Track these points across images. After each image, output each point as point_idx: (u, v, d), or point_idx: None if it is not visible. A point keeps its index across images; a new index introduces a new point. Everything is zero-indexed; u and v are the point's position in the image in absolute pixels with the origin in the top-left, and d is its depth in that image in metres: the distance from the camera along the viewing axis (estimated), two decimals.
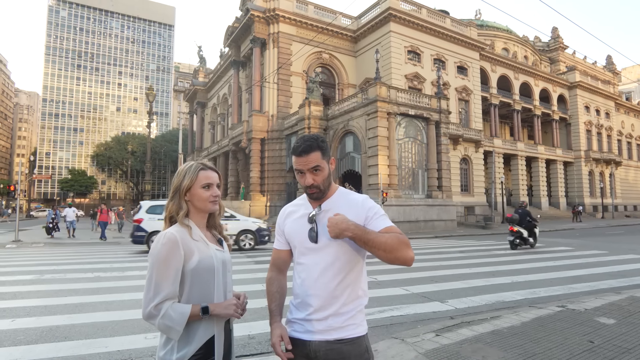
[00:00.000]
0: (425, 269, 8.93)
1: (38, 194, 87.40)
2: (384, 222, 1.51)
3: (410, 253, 1.42)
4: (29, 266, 9.87)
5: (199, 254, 1.54)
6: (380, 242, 1.40)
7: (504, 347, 3.70)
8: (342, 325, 1.50)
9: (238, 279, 7.71)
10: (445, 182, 24.53)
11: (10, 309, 5.48)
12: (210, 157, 42.21)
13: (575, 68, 45.98)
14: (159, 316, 1.43)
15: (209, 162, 1.71)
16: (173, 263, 1.47)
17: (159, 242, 1.49)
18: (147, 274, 1.49)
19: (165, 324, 1.43)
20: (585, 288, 6.89)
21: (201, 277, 1.53)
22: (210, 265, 1.55)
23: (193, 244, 1.54)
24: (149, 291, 1.45)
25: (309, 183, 1.56)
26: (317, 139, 1.58)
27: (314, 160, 1.55)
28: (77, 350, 3.90)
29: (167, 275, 1.46)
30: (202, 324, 1.51)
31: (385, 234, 1.43)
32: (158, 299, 1.44)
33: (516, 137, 39.88)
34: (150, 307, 1.43)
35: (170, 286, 1.46)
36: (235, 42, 34.27)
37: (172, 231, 1.52)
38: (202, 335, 1.51)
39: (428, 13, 31.07)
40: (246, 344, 4.08)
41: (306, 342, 1.53)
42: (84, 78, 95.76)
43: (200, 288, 1.54)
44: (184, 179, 1.60)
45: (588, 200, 43.33)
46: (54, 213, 20.30)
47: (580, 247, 13.52)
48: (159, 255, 1.47)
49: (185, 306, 1.48)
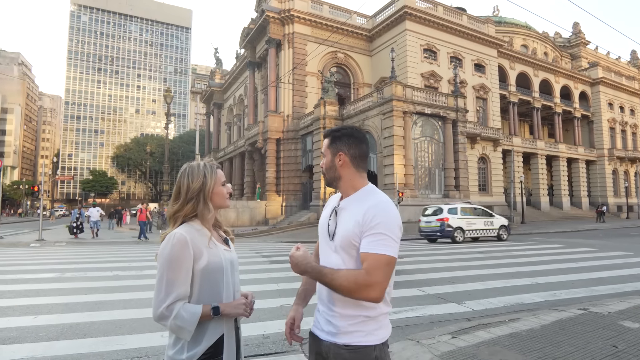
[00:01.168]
0: (442, 270, 8.81)
1: (61, 194, 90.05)
2: (371, 246, 1.37)
3: (371, 294, 1.33)
4: (51, 264, 10.14)
5: (208, 254, 1.54)
6: (336, 285, 1.36)
7: (522, 351, 3.61)
8: (350, 330, 1.43)
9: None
10: (462, 181, 24.17)
11: (33, 305, 5.64)
12: (226, 158, 42.70)
13: (597, 64, 44.70)
14: (171, 317, 1.43)
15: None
16: (184, 263, 1.47)
17: (169, 243, 1.49)
18: (157, 275, 1.49)
19: (178, 324, 1.43)
20: (608, 290, 6.67)
21: (210, 277, 1.54)
22: (219, 265, 1.56)
23: (202, 244, 1.54)
24: (160, 292, 1.46)
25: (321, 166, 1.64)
26: (335, 129, 1.62)
27: (322, 145, 1.63)
28: (96, 347, 3.98)
29: (178, 275, 1.46)
30: (211, 323, 1.51)
31: (342, 274, 1.36)
32: (170, 300, 1.44)
33: (536, 136, 39.01)
34: (162, 308, 1.44)
35: (181, 287, 1.47)
36: (250, 44, 34.55)
37: (181, 232, 1.52)
38: (212, 334, 1.51)
39: (444, 10, 30.67)
40: (260, 344, 4.09)
41: (321, 341, 1.51)
42: (104, 81, 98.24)
43: (210, 288, 1.54)
44: (208, 180, 1.60)
45: (612, 199, 42.05)
46: (79, 213, 19.75)
47: (604, 248, 13.11)
48: (169, 256, 1.47)
49: (197, 306, 1.48)
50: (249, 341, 4.13)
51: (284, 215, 28.14)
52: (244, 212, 27.84)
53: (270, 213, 28.56)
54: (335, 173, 1.58)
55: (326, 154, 1.59)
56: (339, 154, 1.56)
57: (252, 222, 27.64)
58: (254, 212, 28.24)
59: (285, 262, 10.41)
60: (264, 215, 28.38)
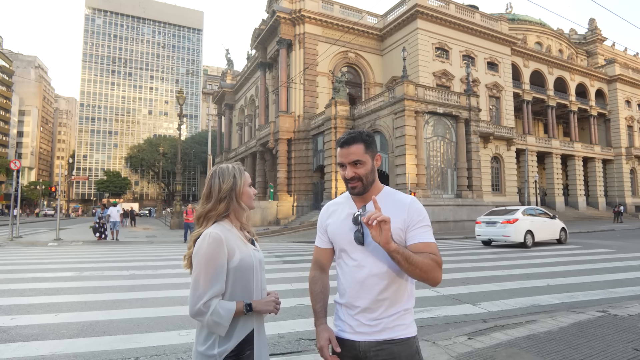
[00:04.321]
0: (456, 271, 8.73)
1: (76, 194, 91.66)
2: (425, 235, 1.49)
3: (441, 276, 1.43)
4: (69, 263, 10.35)
5: (240, 253, 1.60)
6: (418, 262, 1.38)
7: (541, 353, 3.57)
8: (392, 326, 1.48)
9: None
10: (475, 181, 23.93)
11: (53, 303, 5.77)
12: (237, 158, 42.97)
13: (614, 61, 43.75)
14: (208, 313, 1.48)
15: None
16: (219, 261, 1.53)
17: (204, 242, 1.54)
18: (193, 273, 1.54)
19: (215, 320, 1.48)
20: (628, 292, 6.54)
21: (242, 275, 1.60)
22: (250, 263, 1.62)
23: (234, 243, 1.60)
24: (197, 289, 1.50)
25: (350, 175, 1.53)
26: (362, 133, 1.56)
27: (354, 152, 1.52)
28: (116, 345, 4.05)
29: (214, 273, 1.52)
30: (241, 320, 1.57)
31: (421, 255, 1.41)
32: (207, 297, 1.49)
33: (551, 135, 38.38)
34: (199, 305, 1.49)
35: (217, 284, 1.52)
36: (261, 44, 34.72)
37: (216, 231, 1.58)
38: (242, 330, 1.57)
39: (456, 8, 30.38)
40: (276, 343, 4.12)
41: (355, 343, 1.51)
42: (118, 83, 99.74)
43: (242, 285, 1.60)
44: (239, 180, 1.67)
45: (630, 199, 41.14)
46: (101, 212, 18.34)
47: (622, 249, 12.84)
48: (206, 254, 1.53)
49: (231, 303, 1.54)
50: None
51: (295, 215, 28.21)
52: (255, 212, 27.95)
53: (282, 213, 28.66)
54: (374, 176, 1.58)
55: (365, 160, 1.53)
56: (377, 156, 1.58)
57: (264, 222, 27.78)
58: (266, 212, 28.37)
59: (298, 262, 10.44)
60: (275, 215, 28.49)
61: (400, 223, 1.49)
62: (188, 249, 1.64)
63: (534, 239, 13.86)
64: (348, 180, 1.55)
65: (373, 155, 1.56)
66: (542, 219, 14.79)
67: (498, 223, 14.04)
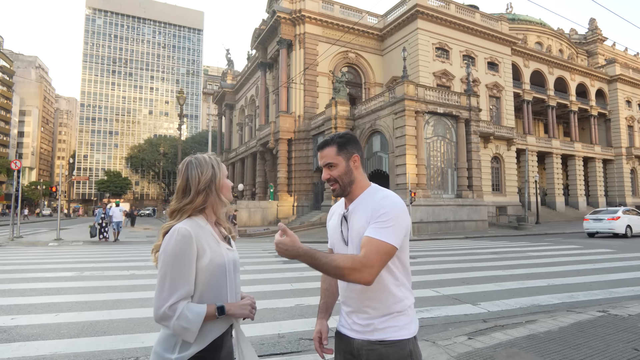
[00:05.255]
0: (456, 271, 8.74)
1: (77, 194, 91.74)
2: (374, 231, 1.40)
3: (365, 277, 1.35)
4: (70, 263, 10.36)
5: (211, 252, 1.46)
6: (331, 267, 1.36)
7: (541, 353, 3.57)
8: (382, 327, 1.49)
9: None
10: (475, 181, 23.93)
11: (54, 303, 5.78)
12: (238, 158, 42.99)
13: (615, 60, 43.71)
14: (174, 317, 1.35)
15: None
16: (187, 260, 1.39)
17: (172, 238, 1.40)
18: (159, 273, 1.40)
19: (181, 325, 1.35)
20: (628, 292, 6.54)
21: (213, 276, 1.46)
22: (222, 263, 1.49)
23: (205, 242, 1.46)
24: (163, 290, 1.37)
25: (325, 177, 1.59)
26: (336, 135, 1.59)
27: (327, 155, 1.57)
28: (116, 344, 4.06)
29: (182, 273, 1.38)
30: (208, 323, 1.42)
31: (338, 256, 1.39)
32: (173, 299, 1.36)
33: (551, 134, 38.36)
34: (164, 308, 1.35)
35: (185, 285, 1.39)
36: (262, 44, 34.73)
37: (186, 226, 1.43)
38: (208, 335, 1.43)
39: (456, 8, 30.38)
40: (276, 343, 4.12)
41: (351, 340, 1.54)
42: (118, 83, 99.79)
43: (212, 287, 1.46)
44: (217, 171, 1.55)
45: (630, 199, 41.09)
46: (104, 212, 17.74)
47: (623, 249, 12.84)
48: (173, 252, 1.38)
49: (201, 306, 1.40)
50: (265, 340, 4.17)
51: (296, 216, 28.22)
52: (255, 212, 28.00)
53: (282, 213, 28.67)
54: (351, 177, 1.57)
55: (337, 161, 1.56)
56: (354, 157, 1.58)
57: (264, 222, 27.78)
58: (266, 212, 28.39)
59: (298, 262, 10.43)
60: (275, 215, 28.50)
61: (364, 221, 1.47)
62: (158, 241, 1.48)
63: (632, 231, 17.82)
64: (326, 182, 1.59)
65: (348, 157, 1.57)
66: (637, 217, 18.62)
67: (604, 220, 17.88)
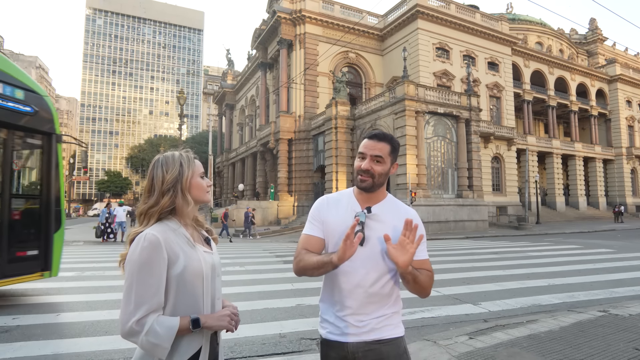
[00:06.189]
0: (456, 270, 8.74)
1: (77, 194, 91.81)
2: (424, 253, 1.57)
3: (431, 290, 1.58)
4: (71, 263, 10.35)
5: (185, 258, 1.33)
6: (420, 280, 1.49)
7: (542, 352, 3.57)
8: (379, 327, 1.50)
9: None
10: (476, 181, 23.93)
11: (55, 303, 5.80)
12: (238, 158, 43.00)
13: (615, 60, 43.70)
14: (142, 333, 1.22)
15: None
16: (156, 269, 1.27)
17: (137, 246, 1.28)
18: (125, 283, 1.28)
19: (150, 341, 1.22)
20: (628, 292, 6.55)
21: (188, 285, 1.33)
22: (198, 270, 1.35)
23: (177, 246, 1.33)
24: (129, 304, 1.24)
25: (365, 167, 1.51)
26: (393, 137, 1.61)
27: (381, 148, 1.53)
28: (117, 344, 4.06)
29: (149, 284, 1.25)
30: (186, 337, 1.31)
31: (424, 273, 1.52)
32: (140, 313, 1.23)
33: (551, 134, 38.36)
34: (131, 323, 1.22)
35: (154, 297, 1.25)
36: (262, 44, 34.74)
37: (153, 232, 1.30)
38: (186, 350, 1.31)
39: (457, 8, 30.38)
40: (277, 343, 4.13)
41: (343, 344, 1.50)
42: (118, 83, 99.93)
43: (187, 297, 1.33)
44: (186, 170, 1.40)
45: (630, 199, 41.11)
46: (108, 212, 17.33)
47: (623, 249, 12.84)
48: (139, 261, 1.26)
49: (173, 319, 1.27)
50: (266, 340, 4.18)
51: (296, 215, 28.22)
52: (256, 212, 27.97)
53: (283, 213, 28.69)
54: (385, 179, 1.58)
55: (386, 160, 1.55)
56: (395, 164, 1.62)
57: (265, 222, 27.79)
58: (267, 212, 28.40)
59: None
60: (276, 215, 28.52)
61: (391, 229, 1.52)
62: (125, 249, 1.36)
63: None
64: (361, 171, 1.52)
65: (393, 161, 1.59)
66: None
67: None
